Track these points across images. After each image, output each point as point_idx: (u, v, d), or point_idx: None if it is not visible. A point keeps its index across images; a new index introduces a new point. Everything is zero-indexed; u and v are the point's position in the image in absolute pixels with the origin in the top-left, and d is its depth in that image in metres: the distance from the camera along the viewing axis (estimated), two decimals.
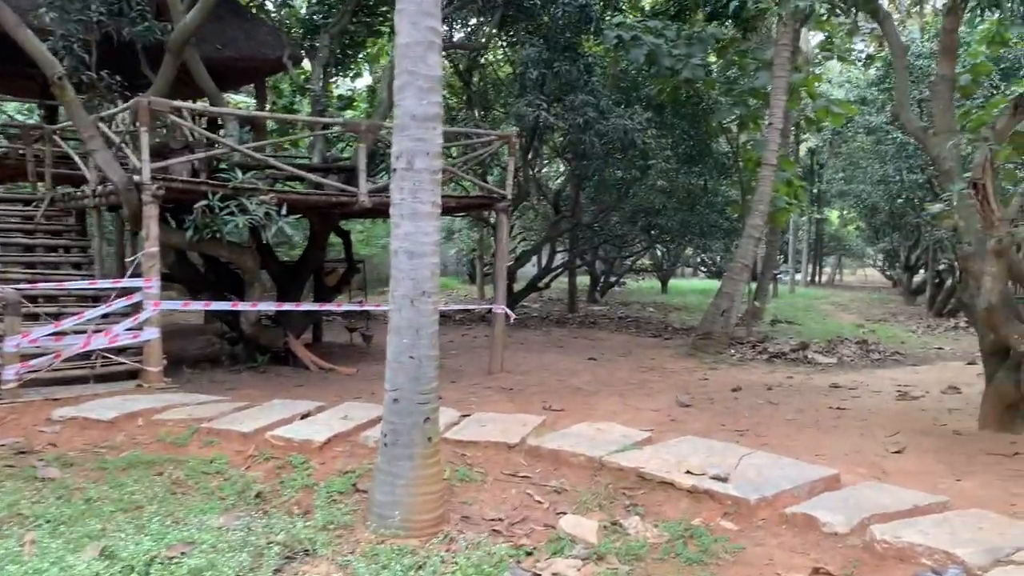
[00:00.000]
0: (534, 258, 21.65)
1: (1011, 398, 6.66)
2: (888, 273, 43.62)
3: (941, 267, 21.63)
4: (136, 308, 8.19)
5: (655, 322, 18.16)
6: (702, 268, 18.96)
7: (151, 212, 7.99)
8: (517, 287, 18.54)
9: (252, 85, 14.90)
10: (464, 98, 15.55)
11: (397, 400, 4.58)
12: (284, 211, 8.36)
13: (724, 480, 4.69)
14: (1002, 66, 17.29)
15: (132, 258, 8.41)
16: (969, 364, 11.64)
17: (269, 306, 9.31)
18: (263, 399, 7.68)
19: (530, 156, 15.99)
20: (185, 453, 6.05)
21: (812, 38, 21.92)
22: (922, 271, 29.43)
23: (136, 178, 7.99)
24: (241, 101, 19.80)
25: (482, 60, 16.07)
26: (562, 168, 21.72)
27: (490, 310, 10.05)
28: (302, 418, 6.61)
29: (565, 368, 10.91)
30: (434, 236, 4.54)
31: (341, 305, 10.73)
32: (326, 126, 10.38)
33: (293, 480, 5.47)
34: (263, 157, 9.21)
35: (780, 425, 7.33)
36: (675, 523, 4.48)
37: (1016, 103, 5.53)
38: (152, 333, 8.06)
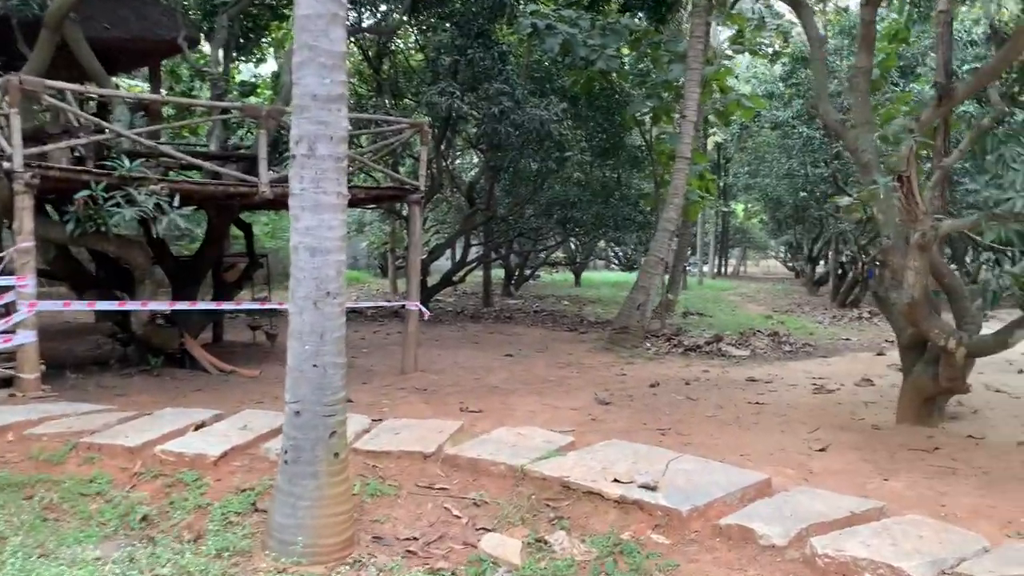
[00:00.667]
0: (448, 252, 21.26)
1: (929, 391, 6.68)
2: (791, 264, 45.13)
3: (844, 259, 22.30)
4: (8, 309, 7.40)
5: (570, 316, 18.03)
6: (615, 262, 18.94)
7: (24, 203, 7.20)
8: (431, 281, 18.09)
9: (147, 69, 13.95)
10: (373, 86, 14.97)
11: (299, 413, 4.13)
12: (176, 202, 7.70)
13: (653, 489, 4.44)
14: (900, 63, 17.86)
15: (2, 253, 7.59)
16: (878, 355, 11.90)
17: (160, 305, 8.60)
18: (155, 406, 7.05)
19: (443, 147, 15.56)
20: (61, 472, 5.41)
21: (720, 33, 22.23)
22: (822, 262, 30.48)
23: (6, 165, 7.19)
24: (135, 86, 18.64)
25: (392, 47, 15.52)
26: (476, 160, 21.37)
27: (403, 306, 9.62)
28: (196, 429, 6.04)
29: (481, 365, 10.57)
30: (339, 230, 4.11)
31: (241, 303, 10.06)
32: (224, 111, 9.70)
33: (184, 500, 4.94)
34: (154, 144, 8.49)
35: (701, 423, 7.19)
36: (603, 538, 4.19)
37: (940, 94, 5.48)
38: (26, 337, 7.29)
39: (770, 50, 15.17)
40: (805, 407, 7.94)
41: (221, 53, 11.11)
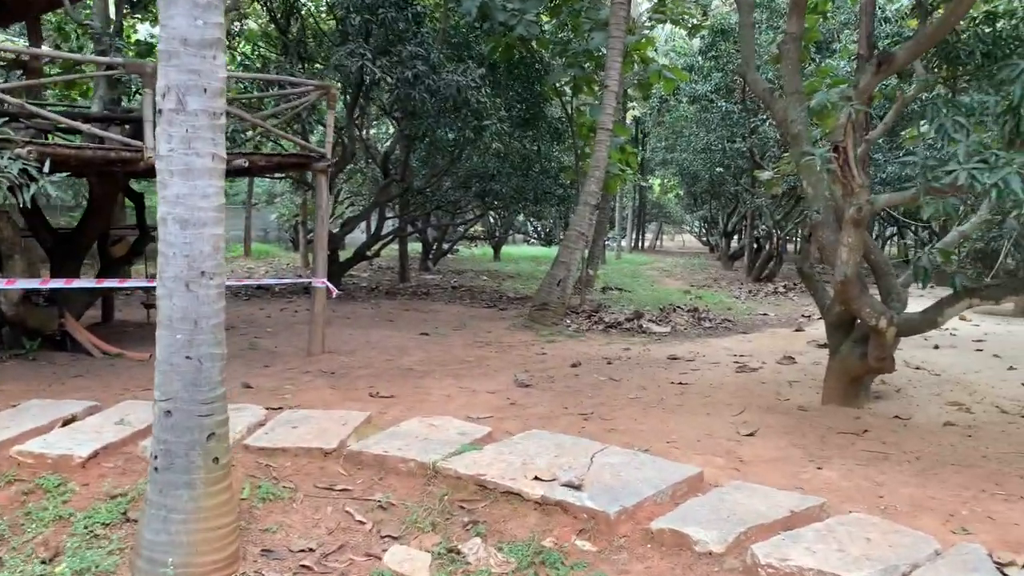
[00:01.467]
0: (363, 225, 20.47)
1: (856, 371, 6.51)
2: (705, 239, 45.84)
3: (759, 233, 22.54)
4: None
5: (489, 291, 17.58)
6: (533, 236, 18.59)
7: None
8: (345, 255, 17.34)
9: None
10: (280, 48, 14.04)
11: (170, 413, 3.53)
12: (47, 168, 6.84)
13: (578, 488, 4.03)
14: (815, 40, 17.94)
15: None
16: (797, 331, 11.88)
17: (30, 283, 7.72)
18: (26, 396, 6.28)
19: (356, 114, 14.78)
20: None
21: (640, 5, 21.97)
22: (736, 237, 30.92)
23: None
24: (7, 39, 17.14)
25: (301, 8, 14.57)
26: (392, 129, 20.57)
27: (310, 284, 8.97)
28: (65, 424, 5.33)
29: (395, 345, 10.03)
30: (215, 199, 3.51)
31: (125, 281, 9.21)
32: (108, 67, 8.77)
33: (43, 510, 4.28)
34: (21, 103, 7.56)
35: (625, 405, 6.85)
36: (523, 545, 3.77)
37: (880, 60, 5.20)
38: None
39: (691, 22, 14.88)
40: (729, 387, 7.72)
41: (113, 8, 10.07)
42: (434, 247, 23.33)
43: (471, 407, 6.78)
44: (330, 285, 8.83)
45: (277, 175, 16.32)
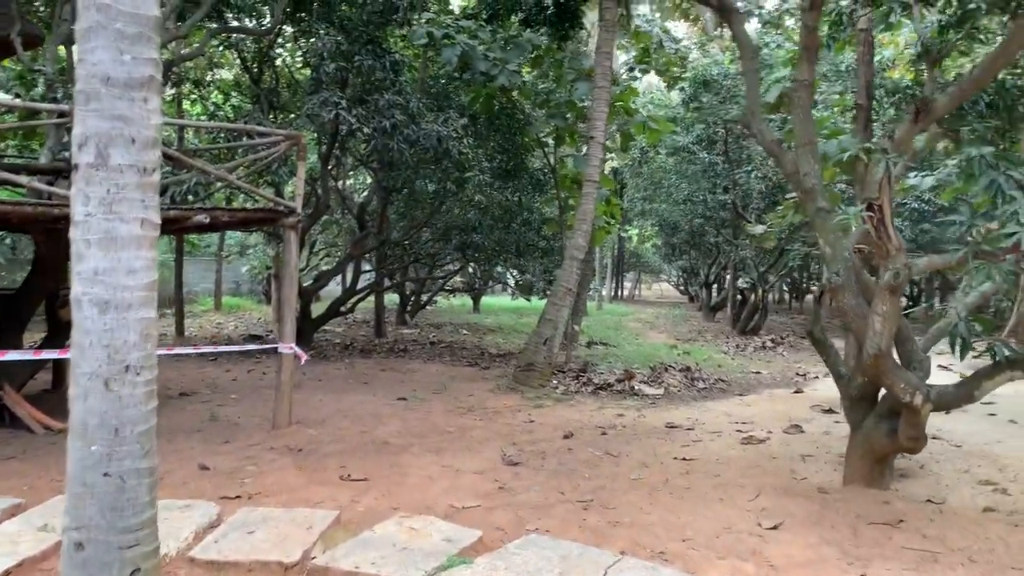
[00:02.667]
0: (339, 277, 19.74)
1: (883, 450, 5.86)
2: (684, 289, 45.52)
3: (743, 285, 22.10)
4: None
5: (470, 347, 16.85)
6: (514, 289, 18.00)
7: None
8: (319, 309, 16.59)
9: None
10: (252, 98, 13.47)
11: (82, 545, 2.79)
12: None
13: None
14: None
15: None
16: (796, 393, 11.27)
17: None
18: None
19: (331, 165, 14.19)
20: None
21: (618, 57, 21.78)
22: (716, 288, 30.52)
23: None
24: None
25: (276, 57, 14.05)
26: (369, 180, 19.99)
27: (275, 350, 8.21)
28: None
29: (370, 413, 9.26)
30: (145, 275, 2.82)
31: (66, 352, 8.37)
32: (60, 115, 8.09)
33: None
34: None
35: (627, 489, 6.14)
36: None
37: (918, 108, 4.69)
38: None
39: (676, 71, 14.55)
40: (738, 463, 7.03)
41: (60, 49, 9.44)
42: (412, 300, 22.61)
43: (455, 492, 6.05)
44: (299, 350, 8.09)
45: (248, 229, 15.59)
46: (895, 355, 6.00)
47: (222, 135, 10.18)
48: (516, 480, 6.43)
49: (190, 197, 8.32)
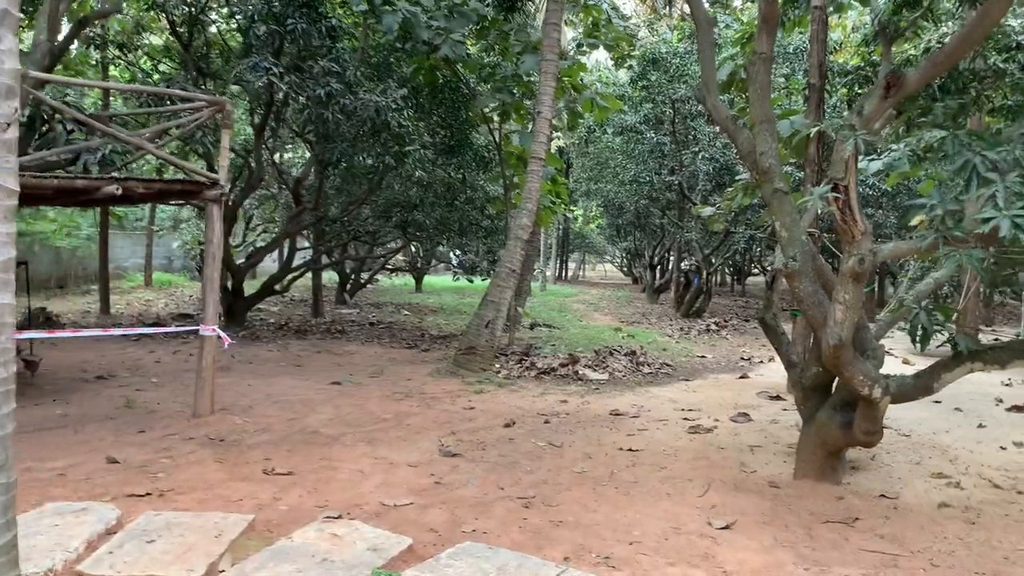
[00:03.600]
0: (276, 254, 18.99)
1: (837, 443, 5.63)
2: (628, 270, 45.62)
3: (688, 267, 22.03)
4: None
5: (410, 328, 16.37)
6: (456, 269, 17.50)
7: None
8: (254, 287, 15.89)
9: None
10: (181, 63, 12.65)
11: None
12: None
13: None
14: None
15: None
16: (741, 378, 11.11)
17: None
18: None
19: (267, 136, 13.47)
20: None
21: (567, 33, 21.34)
22: (659, 269, 30.53)
23: None
24: None
25: (208, 22, 13.23)
26: (308, 153, 19.24)
27: (197, 331, 7.63)
28: None
29: (302, 399, 8.75)
30: (1, 253, 2.31)
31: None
32: None
33: None
34: None
35: (572, 484, 5.80)
36: None
37: (889, 82, 4.37)
38: None
39: (625, 47, 14.19)
40: (685, 454, 6.76)
41: None
42: (352, 279, 21.96)
43: (388, 488, 5.63)
44: (222, 333, 7.52)
45: (167, 202, 14.73)
46: None
47: (148, 101, 9.42)
48: (454, 474, 6.04)
49: (107, 166, 7.65)
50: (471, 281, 17.63)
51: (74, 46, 15.21)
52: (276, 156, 16.24)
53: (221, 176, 7.36)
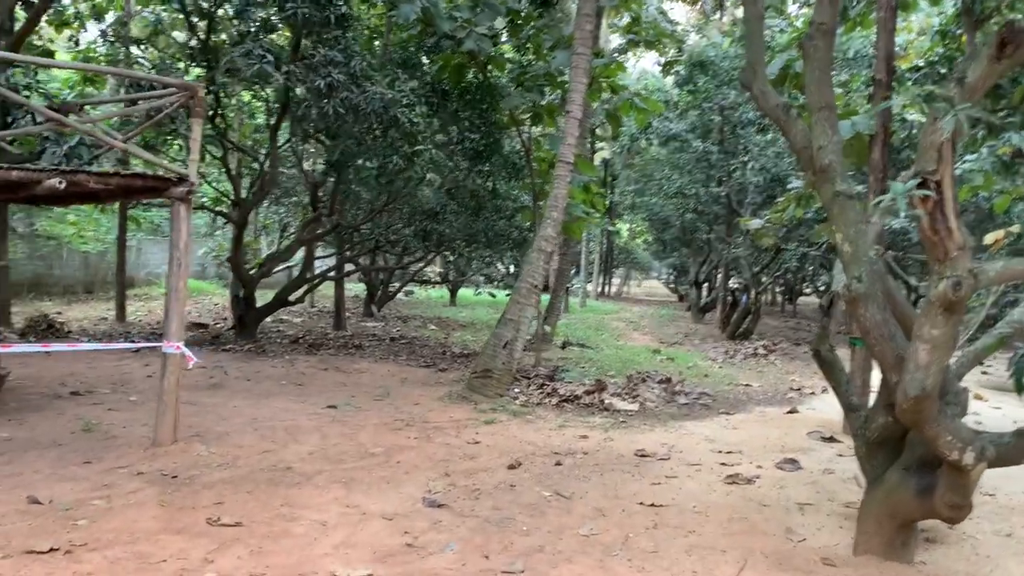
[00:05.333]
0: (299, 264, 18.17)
1: (910, 514, 4.43)
2: (675, 287, 44.06)
3: (735, 286, 20.67)
4: None
5: (433, 345, 15.37)
6: (487, 281, 16.41)
7: None
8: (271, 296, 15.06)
9: None
10: (187, 54, 11.86)
11: None
12: None
13: None
14: None
15: None
16: (790, 413, 9.84)
17: None
18: None
19: (294, 136, 12.61)
20: None
21: (611, 41, 20.29)
22: (707, 287, 29.07)
23: None
24: None
25: (216, 11, 12.42)
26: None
27: (161, 348, 6.69)
28: None
29: (288, 425, 7.79)
30: None
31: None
32: None
33: None
34: None
35: (574, 554, 4.69)
36: None
37: (1003, 39, 3.22)
38: None
39: (667, 43, 13.06)
40: (719, 513, 5.58)
41: None
42: (379, 290, 21.10)
43: (347, 551, 4.60)
44: (187, 352, 6.59)
45: (131, 200, 13.88)
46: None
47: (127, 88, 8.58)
48: (433, 532, 4.97)
49: (73, 160, 6.80)
50: (492, 296, 16.57)
51: (87, 39, 14.67)
52: (301, 158, 15.38)
53: (191, 171, 6.45)
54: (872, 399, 6.86)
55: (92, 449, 6.48)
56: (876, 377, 8.93)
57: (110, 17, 15.31)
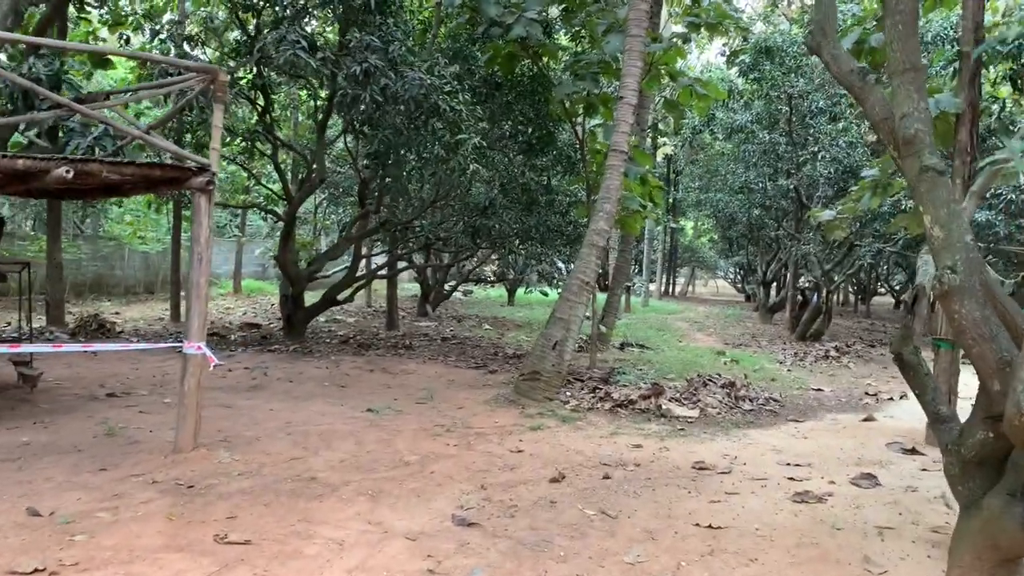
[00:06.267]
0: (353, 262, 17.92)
1: (1015, 548, 3.70)
2: (741, 286, 42.71)
3: (804, 285, 19.63)
4: None
5: (485, 346, 14.90)
6: (546, 280, 15.76)
7: None
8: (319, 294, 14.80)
9: None
10: (234, 49, 11.62)
11: None
12: None
13: None
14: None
15: None
16: (866, 421, 9.01)
17: None
18: None
19: (350, 130, 12.21)
20: None
21: (670, 28, 19.49)
22: (775, 286, 27.89)
23: None
24: None
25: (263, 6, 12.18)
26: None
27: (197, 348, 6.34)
28: None
29: (322, 430, 7.39)
30: None
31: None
32: None
33: None
34: None
35: None
36: None
37: None
38: None
39: (731, 25, 12.27)
40: (786, 538, 4.91)
41: None
42: (434, 289, 20.75)
43: (362, 575, 4.11)
44: (209, 352, 6.22)
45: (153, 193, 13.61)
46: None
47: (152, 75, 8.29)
48: (460, 555, 4.45)
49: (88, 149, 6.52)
50: (545, 294, 15.98)
51: (139, 41, 14.63)
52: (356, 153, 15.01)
53: (212, 161, 6.08)
54: (959, 407, 6.08)
55: (111, 455, 6.17)
56: (964, 383, 8.08)
57: (165, 19, 15.34)
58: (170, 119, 7.45)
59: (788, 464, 6.78)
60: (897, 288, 40.15)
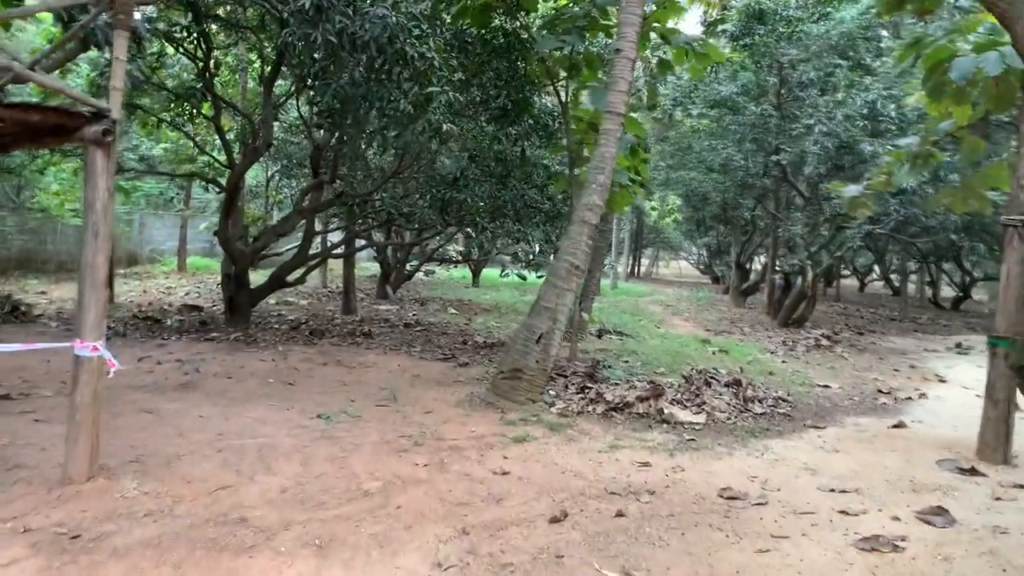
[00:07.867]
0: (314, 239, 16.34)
1: None
2: (709, 268, 41.85)
3: (788, 268, 18.58)
4: None
5: (452, 332, 13.54)
6: (511, 261, 14.37)
7: None
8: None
9: None
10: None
11: None
12: None
13: None
14: None
15: None
16: (895, 427, 7.88)
17: None
18: None
19: (295, 88, 10.71)
20: None
21: None
22: (748, 267, 26.95)
23: None
24: None
25: None
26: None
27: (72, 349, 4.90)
28: None
29: (260, 445, 6.01)
30: None
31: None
32: None
33: None
34: None
35: None
36: None
37: None
38: None
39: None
40: None
41: None
42: (394, 270, 19.29)
43: None
44: (107, 355, 4.79)
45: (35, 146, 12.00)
46: None
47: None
48: None
49: None
50: (523, 279, 14.66)
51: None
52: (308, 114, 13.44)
53: (113, 105, 4.61)
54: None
55: None
56: None
57: None
58: (60, 47, 5.88)
59: (832, 491, 5.58)
60: (862, 272, 39.75)
